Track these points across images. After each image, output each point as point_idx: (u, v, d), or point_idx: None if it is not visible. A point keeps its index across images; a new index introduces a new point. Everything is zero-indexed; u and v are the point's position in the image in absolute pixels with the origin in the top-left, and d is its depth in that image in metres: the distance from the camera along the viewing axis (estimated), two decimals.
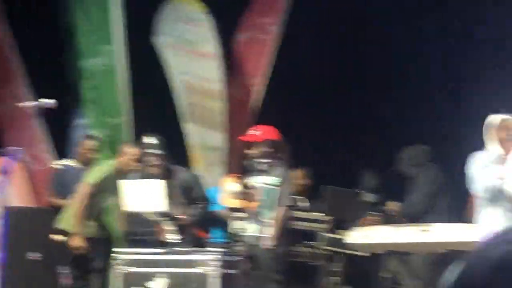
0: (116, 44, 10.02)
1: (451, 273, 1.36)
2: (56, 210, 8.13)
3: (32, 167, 10.34)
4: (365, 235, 6.98)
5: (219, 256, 6.79)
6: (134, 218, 7.36)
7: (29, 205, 9.86)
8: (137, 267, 6.93)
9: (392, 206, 8.01)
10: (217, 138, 10.13)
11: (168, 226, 7.13)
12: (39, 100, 5.94)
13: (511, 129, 6.55)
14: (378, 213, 7.96)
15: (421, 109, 9.16)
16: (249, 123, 9.14)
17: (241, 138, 7.63)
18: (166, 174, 7.29)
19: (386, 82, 9.44)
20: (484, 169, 6.52)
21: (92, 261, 7.73)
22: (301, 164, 8.34)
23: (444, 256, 6.77)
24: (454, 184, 7.16)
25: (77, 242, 7.66)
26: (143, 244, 7.21)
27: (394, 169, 7.90)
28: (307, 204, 8.46)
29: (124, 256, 7.01)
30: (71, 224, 7.74)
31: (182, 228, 7.20)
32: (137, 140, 7.93)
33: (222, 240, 7.81)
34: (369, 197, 7.98)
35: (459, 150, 6.97)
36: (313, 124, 9.46)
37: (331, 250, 7.94)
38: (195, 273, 6.75)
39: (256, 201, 7.20)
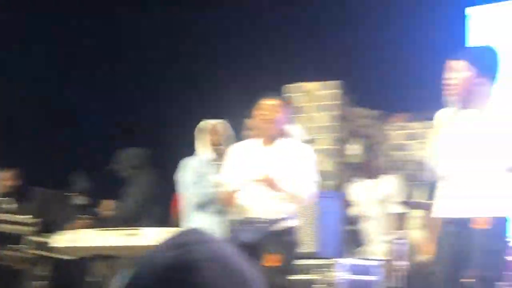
0: None
1: (122, 279, 1.30)
2: None
3: None
4: (72, 239, 6.83)
5: None
6: None
7: None
8: None
9: (106, 207, 7.92)
10: None
11: None
12: None
13: (221, 133, 6.73)
14: (89, 216, 7.85)
15: (135, 112, 9.24)
16: None
17: None
18: None
19: (94, 80, 9.43)
20: (197, 174, 6.62)
21: None
22: (9, 164, 8.09)
23: None
24: (169, 188, 7.22)
25: None
26: None
27: (108, 170, 7.81)
28: (14, 205, 8.19)
29: None
30: None
31: None
32: None
33: None
34: (80, 199, 7.84)
35: (175, 154, 7.03)
36: (23, 123, 9.20)
37: (37, 254, 7.71)
38: None
39: None
